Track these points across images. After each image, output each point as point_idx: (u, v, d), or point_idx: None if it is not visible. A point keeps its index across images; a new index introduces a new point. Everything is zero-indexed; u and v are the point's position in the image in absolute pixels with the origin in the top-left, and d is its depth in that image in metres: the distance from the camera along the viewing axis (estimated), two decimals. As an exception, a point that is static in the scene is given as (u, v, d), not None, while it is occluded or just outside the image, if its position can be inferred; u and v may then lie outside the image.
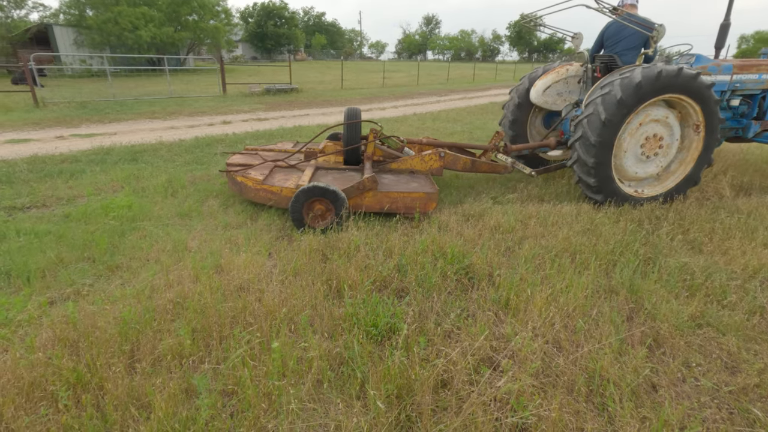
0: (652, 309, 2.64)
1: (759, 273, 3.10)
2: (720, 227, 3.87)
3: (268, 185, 4.18)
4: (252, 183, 4.25)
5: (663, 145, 4.65)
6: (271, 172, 4.61)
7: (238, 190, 4.50)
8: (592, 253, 3.34)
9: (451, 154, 4.94)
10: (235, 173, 4.47)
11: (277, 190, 4.15)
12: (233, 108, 13.19)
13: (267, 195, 4.20)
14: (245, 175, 4.36)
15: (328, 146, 5.15)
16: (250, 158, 5.06)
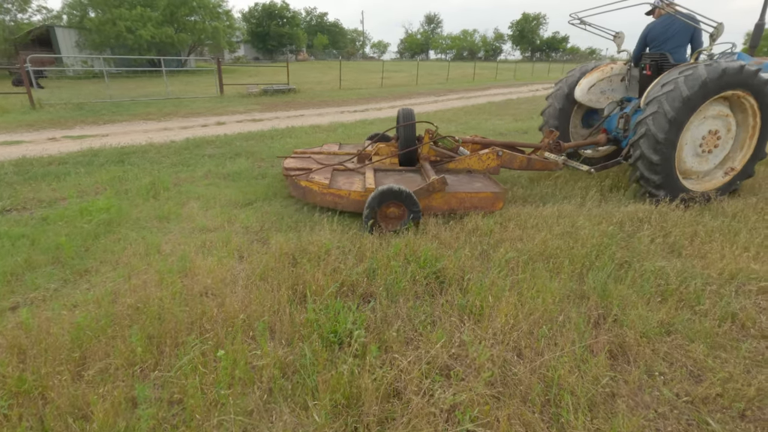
0: (620, 315, 2.59)
1: (736, 278, 3.04)
2: (702, 230, 3.80)
3: (335, 189, 4.15)
4: (318, 187, 4.22)
5: (720, 140, 4.74)
6: (332, 175, 4.58)
7: (301, 194, 4.45)
8: (567, 257, 3.28)
9: (508, 153, 4.94)
10: (297, 177, 4.41)
11: (344, 194, 4.12)
12: (229, 109, 13.20)
13: (334, 199, 4.18)
14: (310, 180, 4.33)
15: (382, 148, 5.07)
16: (304, 162, 5.02)
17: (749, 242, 3.51)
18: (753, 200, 4.53)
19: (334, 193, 4.16)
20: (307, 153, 5.43)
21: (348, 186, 4.29)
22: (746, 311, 2.64)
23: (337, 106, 14.72)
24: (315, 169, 4.67)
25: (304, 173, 4.53)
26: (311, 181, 4.33)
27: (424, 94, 19.32)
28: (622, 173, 5.79)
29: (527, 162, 5.00)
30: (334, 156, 5.39)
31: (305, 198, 4.43)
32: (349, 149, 5.77)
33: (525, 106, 14.86)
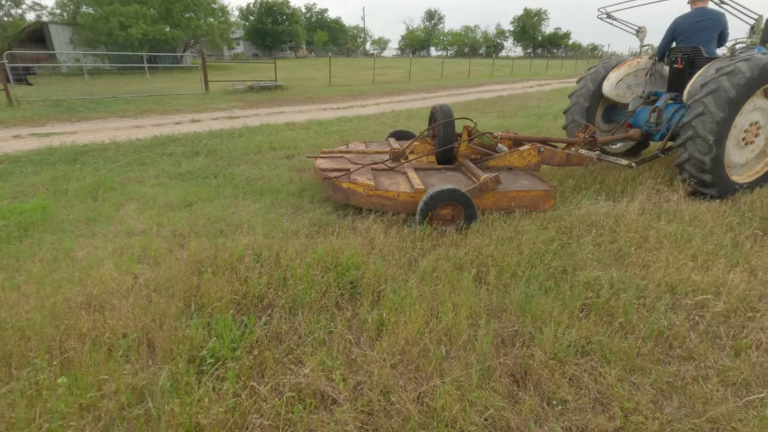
0: (535, 332, 2.36)
1: (675, 289, 2.79)
2: (654, 235, 3.56)
3: (382, 191, 3.97)
4: (363, 189, 4.01)
5: (760, 131, 4.78)
6: (374, 176, 4.38)
7: (343, 197, 4.20)
8: (499, 265, 3.05)
9: (548, 149, 4.83)
10: (339, 180, 4.18)
11: (393, 195, 3.95)
12: (210, 106, 13.00)
13: (381, 201, 4.00)
14: (353, 181, 4.10)
15: (418, 146, 4.91)
16: (337, 162, 4.79)
17: (699, 250, 3.26)
18: (715, 203, 4.26)
19: (381, 195, 3.96)
20: (335, 152, 5.21)
21: (395, 187, 4.08)
22: (675, 328, 2.41)
23: (322, 103, 14.49)
24: (353, 169, 4.43)
25: (343, 174, 4.29)
26: (355, 182, 4.09)
27: (414, 91, 19.05)
28: (588, 173, 5.54)
29: (566, 158, 4.90)
30: (364, 155, 5.16)
31: (348, 201, 4.17)
32: (375, 147, 5.57)
33: (513, 102, 14.57)
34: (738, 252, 3.27)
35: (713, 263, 3.11)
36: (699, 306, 2.63)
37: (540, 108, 12.90)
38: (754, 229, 3.68)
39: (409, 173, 4.38)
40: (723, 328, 2.46)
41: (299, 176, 5.72)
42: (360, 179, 4.14)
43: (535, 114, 11.29)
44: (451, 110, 4.81)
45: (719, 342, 2.37)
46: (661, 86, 6.07)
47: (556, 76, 32.97)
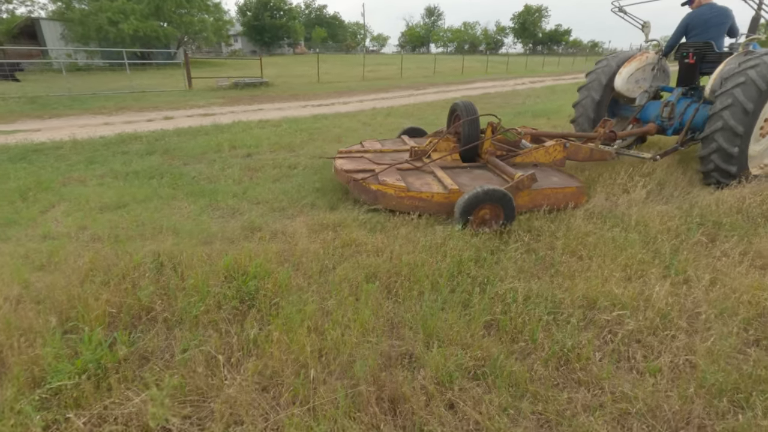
0: (423, 353, 2.15)
1: (594, 305, 2.58)
2: (592, 242, 3.34)
3: (415, 192, 3.83)
4: (394, 191, 3.87)
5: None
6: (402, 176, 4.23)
7: (372, 199, 4.03)
8: (415, 275, 2.85)
9: (574, 144, 4.81)
10: (367, 181, 4.04)
11: (427, 197, 3.82)
12: (189, 103, 12.80)
13: (413, 202, 3.86)
14: (383, 183, 3.94)
15: (440, 144, 4.82)
16: (358, 162, 4.65)
17: (633, 259, 3.04)
18: (664, 207, 4.04)
19: (414, 197, 3.82)
20: (353, 152, 5.05)
21: (427, 187, 3.95)
22: (582, 348, 2.20)
23: (305, 100, 14.27)
24: (379, 170, 4.26)
25: (370, 176, 4.12)
26: (385, 184, 3.93)
27: (403, 88, 18.80)
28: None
29: (590, 153, 4.87)
30: (383, 154, 5.01)
31: (377, 203, 4.01)
32: (390, 145, 5.44)
33: (497, 100, 14.31)
34: (675, 261, 3.06)
35: (645, 273, 2.90)
36: (616, 323, 2.42)
37: (524, 105, 12.65)
38: (701, 235, 3.46)
39: (437, 173, 4.26)
40: (635, 348, 2.26)
41: (250, 176, 5.52)
42: (389, 180, 3.99)
43: (516, 111, 11.04)
44: (475, 107, 4.70)
45: (627, 364, 2.16)
46: (663, 81, 6.20)
47: (552, 73, 32.64)
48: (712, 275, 2.89)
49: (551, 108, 11.74)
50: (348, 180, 4.21)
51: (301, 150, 6.97)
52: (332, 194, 4.78)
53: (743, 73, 4.48)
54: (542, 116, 10.55)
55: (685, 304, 2.58)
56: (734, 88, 4.48)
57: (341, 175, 4.37)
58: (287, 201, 4.56)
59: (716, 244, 3.40)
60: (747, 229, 3.66)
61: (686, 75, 5.70)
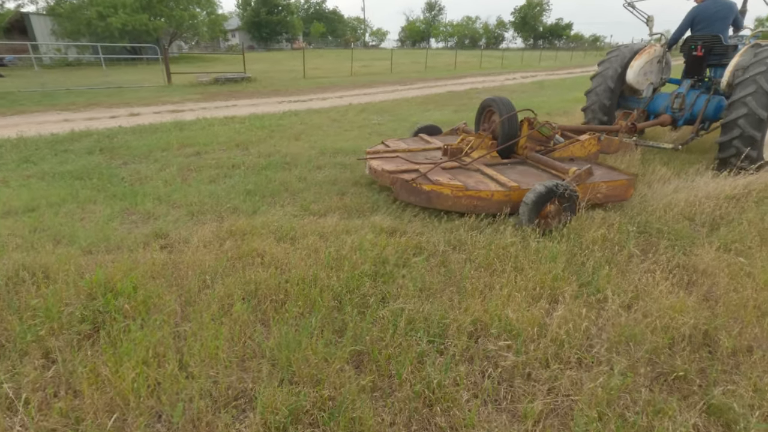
0: (260, 392, 1.86)
1: (488, 329, 2.28)
2: (513, 254, 3.03)
3: (474, 191, 3.70)
4: (451, 190, 3.72)
5: None
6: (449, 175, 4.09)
7: (424, 200, 3.85)
8: (301, 294, 2.55)
9: (607, 138, 4.91)
10: (416, 182, 3.84)
11: (487, 195, 3.71)
12: (163, 99, 12.49)
13: (472, 202, 3.73)
14: (437, 183, 3.79)
15: (476, 141, 4.69)
16: (395, 162, 4.45)
17: (546, 276, 2.72)
18: (602, 213, 3.70)
19: (473, 196, 3.69)
20: (381, 152, 4.87)
21: (485, 186, 3.82)
22: (450, 387, 1.90)
23: (284, 95, 13.94)
24: (426, 170, 4.06)
25: (417, 176, 3.95)
26: (439, 184, 3.76)
27: (390, 83, 18.42)
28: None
29: (618, 145, 4.97)
30: (413, 153, 4.85)
31: (429, 204, 3.84)
32: (413, 144, 5.26)
33: (479, 96, 13.92)
34: (596, 278, 2.74)
35: (556, 293, 2.59)
36: (504, 351, 2.11)
37: (506, 101, 12.27)
38: (634, 247, 3.14)
39: (485, 170, 4.16)
40: (517, 385, 1.95)
41: (185, 176, 5.23)
42: (443, 180, 3.84)
43: (492, 108, 10.67)
44: (512, 103, 4.64)
45: (499, 406, 1.86)
46: (666, 73, 6.38)
47: (548, 68, 32.12)
48: (633, 294, 2.58)
49: (531, 104, 11.36)
50: (393, 181, 4.03)
51: (254, 148, 6.67)
52: (261, 197, 4.49)
53: (764, 62, 4.70)
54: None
55: (590, 330, 2.27)
56: (757, 75, 4.67)
57: (383, 176, 4.18)
58: (210, 205, 4.26)
59: (649, 257, 3.08)
60: (691, 238, 3.34)
61: (694, 67, 5.89)
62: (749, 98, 4.67)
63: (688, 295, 2.58)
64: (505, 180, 3.84)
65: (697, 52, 5.70)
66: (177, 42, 44.40)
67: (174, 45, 37.82)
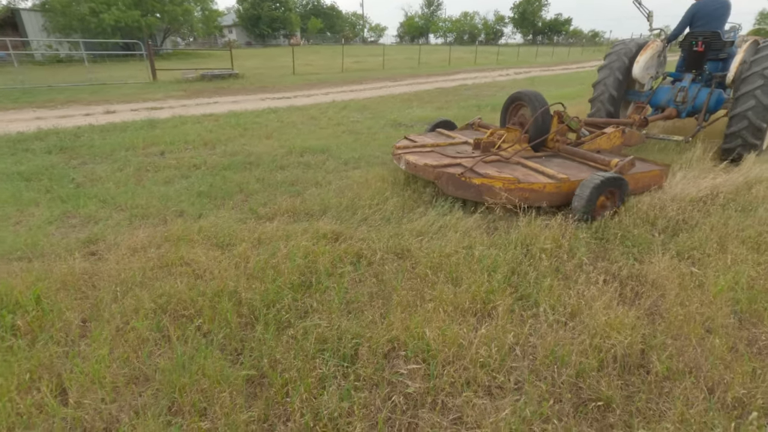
0: (125, 422, 1.68)
1: (400, 352, 2.09)
2: (454, 263, 2.84)
3: (526, 184, 3.72)
4: (503, 183, 3.71)
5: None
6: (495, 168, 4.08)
7: (474, 194, 3.83)
8: (213, 307, 2.37)
9: (629, 131, 5.03)
10: (465, 176, 3.81)
11: (539, 187, 3.72)
12: (145, 96, 12.29)
13: (524, 194, 3.72)
14: (487, 176, 3.78)
15: (508, 135, 4.69)
16: (434, 157, 4.40)
17: (480, 288, 2.53)
18: (559, 218, 3.50)
19: (525, 188, 3.71)
20: (410, 147, 4.79)
21: (534, 178, 3.84)
22: (337, 421, 1.71)
23: (269, 92, 13.72)
24: (471, 164, 4.04)
25: (463, 170, 3.91)
26: (489, 177, 3.76)
27: (380, 80, 18.17)
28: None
29: (639, 138, 5.13)
30: (442, 147, 4.82)
31: (479, 197, 3.81)
32: (434, 139, 5.20)
33: (471, 92, 13.70)
34: (536, 290, 2.55)
35: (488, 307, 2.40)
36: (411, 377, 1.93)
37: (494, 98, 12.02)
38: (584, 255, 2.95)
39: (527, 163, 4.18)
40: (423, 414, 1.77)
41: (141, 177, 5.05)
42: (492, 173, 3.85)
43: (476, 105, 10.46)
44: (543, 97, 4.73)
45: (394, 441, 1.68)
46: (663, 67, 6.63)
47: (544, 64, 31.79)
48: (573, 308, 2.40)
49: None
50: (438, 176, 3.96)
51: (222, 147, 6.48)
52: (212, 199, 4.32)
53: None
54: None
55: (514, 351, 2.09)
56: (765, 70, 4.97)
57: (425, 171, 4.09)
58: (156, 208, 4.08)
59: (598, 266, 2.89)
60: (648, 244, 3.15)
61: (695, 62, 6.09)
62: (758, 91, 4.96)
63: (630, 309, 2.39)
64: (552, 172, 3.85)
65: (698, 47, 5.90)
66: (173, 38, 44.15)
67: (168, 41, 37.57)
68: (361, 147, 6.46)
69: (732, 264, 2.77)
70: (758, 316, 2.38)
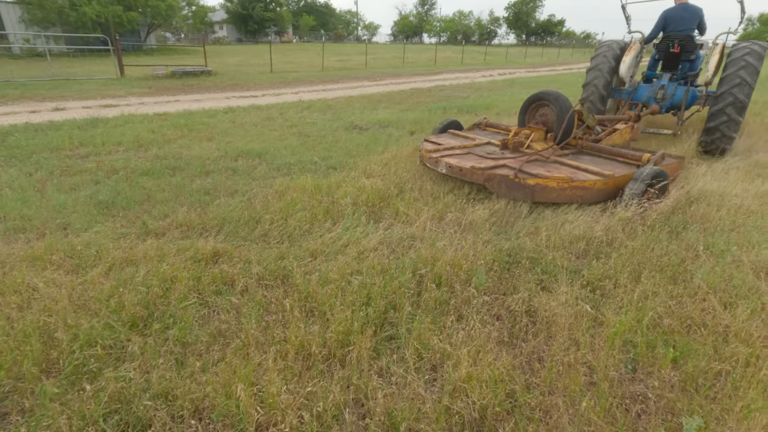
0: None
1: (206, 412, 1.74)
2: (329, 293, 2.48)
3: (578, 182, 3.83)
4: (557, 183, 3.82)
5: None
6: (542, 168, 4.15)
7: (527, 194, 3.87)
8: (72, 330, 2.00)
9: (637, 127, 5.43)
10: (518, 177, 3.86)
11: (590, 185, 3.86)
12: (106, 92, 11.84)
13: (577, 192, 3.86)
14: (539, 176, 3.84)
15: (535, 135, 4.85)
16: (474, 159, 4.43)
17: (342, 325, 2.18)
18: (470, 237, 3.14)
19: (577, 186, 3.83)
20: (441, 150, 4.76)
21: (583, 176, 3.94)
22: None
23: (240, 90, 13.30)
24: (517, 165, 4.10)
25: (513, 171, 3.95)
26: (542, 177, 3.82)
27: (358, 79, 17.80)
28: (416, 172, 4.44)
29: (638, 133, 5.46)
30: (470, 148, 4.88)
31: (533, 198, 3.87)
32: (453, 140, 5.27)
33: (442, 93, 13.34)
34: (405, 330, 2.20)
35: (343, 354, 2.05)
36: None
37: (466, 101, 11.69)
38: (480, 284, 2.60)
39: (567, 161, 4.30)
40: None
41: (46, 182, 4.64)
42: (543, 173, 3.93)
43: (443, 107, 10.10)
44: (565, 97, 4.88)
45: None
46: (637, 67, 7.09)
47: (533, 64, 31.54)
48: (442, 355, 2.05)
49: (484, 104, 10.84)
50: (488, 178, 3.98)
51: (156, 149, 6.09)
52: (110, 209, 3.94)
53: (743, 59, 5.57)
54: (471, 112, 9.68)
55: (344, 414, 1.74)
56: (739, 70, 5.53)
57: (472, 174, 4.07)
58: (41, 219, 3.69)
59: (495, 298, 2.54)
60: (556, 273, 2.81)
61: (671, 62, 6.64)
62: (736, 89, 5.51)
63: (509, 356, 2.05)
64: (597, 169, 3.98)
65: (674, 49, 6.40)
66: (162, 33, 43.40)
67: (153, 36, 36.90)
68: (303, 151, 6.09)
69: (639, 298, 2.44)
70: (655, 364, 2.04)
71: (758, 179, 4.54)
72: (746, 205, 3.76)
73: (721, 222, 3.41)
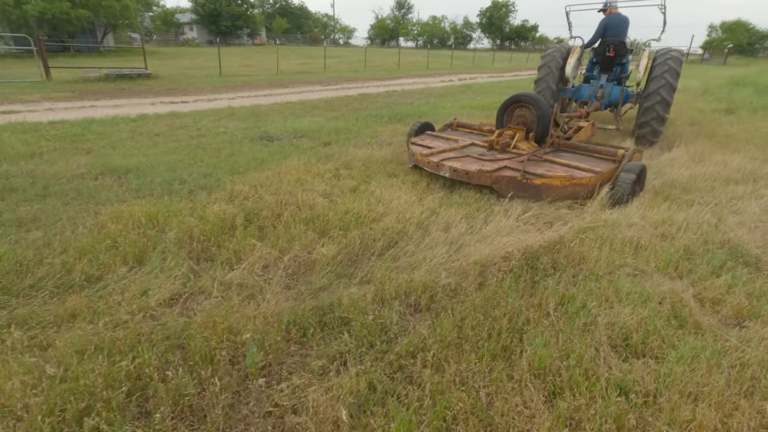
0: None
1: None
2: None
3: (577, 179, 4.04)
4: (560, 181, 4.02)
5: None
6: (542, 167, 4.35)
7: (534, 194, 4.04)
8: None
9: (596, 124, 5.90)
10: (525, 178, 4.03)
11: (587, 181, 4.08)
12: (16, 97, 10.82)
13: (576, 189, 4.07)
14: (544, 176, 4.04)
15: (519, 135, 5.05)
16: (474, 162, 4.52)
17: None
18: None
19: (577, 183, 4.05)
20: (435, 153, 4.82)
21: (579, 173, 4.14)
22: None
23: (174, 95, 12.41)
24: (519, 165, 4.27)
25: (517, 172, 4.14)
26: (546, 176, 4.03)
27: (311, 83, 17.10)
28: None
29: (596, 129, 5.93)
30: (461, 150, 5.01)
31: (539, 197, 4.03)
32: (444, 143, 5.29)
33: (389, 99, 12.76)
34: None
35: None
36: None
37: (411, 107, 11.10)
38: (253, 363, 1.96)
39: (556, 159, 4.50)
40: None
41: None
42: (545, 172, 4.11)
43: (375, 115, 9.48)
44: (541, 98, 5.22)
45: None
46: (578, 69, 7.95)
47: (500, 69, 31.45)
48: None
49: (425, 110, 10.30)
50: (495, 180, 4.14)
51: (20, 164, 5.24)
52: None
53: (666, 63, 6.36)
54: (409, 118, 9.09)
55: None
56: (664, 73, 6.30)
57: (479, 177, 4.20)
58: None
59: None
60: (366, 340, 2.18)
61: (607, 65, 7.39)
62: (662, 89, 6.30)
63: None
64: (587, 166, 4.22)
65: (610, 53, 7.13)
66: (130, 34, 41.65)
67: (111, 38, 35.39)
68: (184, 167, 5.37)
69: (447, 386, 1.82)
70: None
71: (665, 203, 4.03)
72: (637, 239, 3.21)
73: (597, 265, 2.83)
